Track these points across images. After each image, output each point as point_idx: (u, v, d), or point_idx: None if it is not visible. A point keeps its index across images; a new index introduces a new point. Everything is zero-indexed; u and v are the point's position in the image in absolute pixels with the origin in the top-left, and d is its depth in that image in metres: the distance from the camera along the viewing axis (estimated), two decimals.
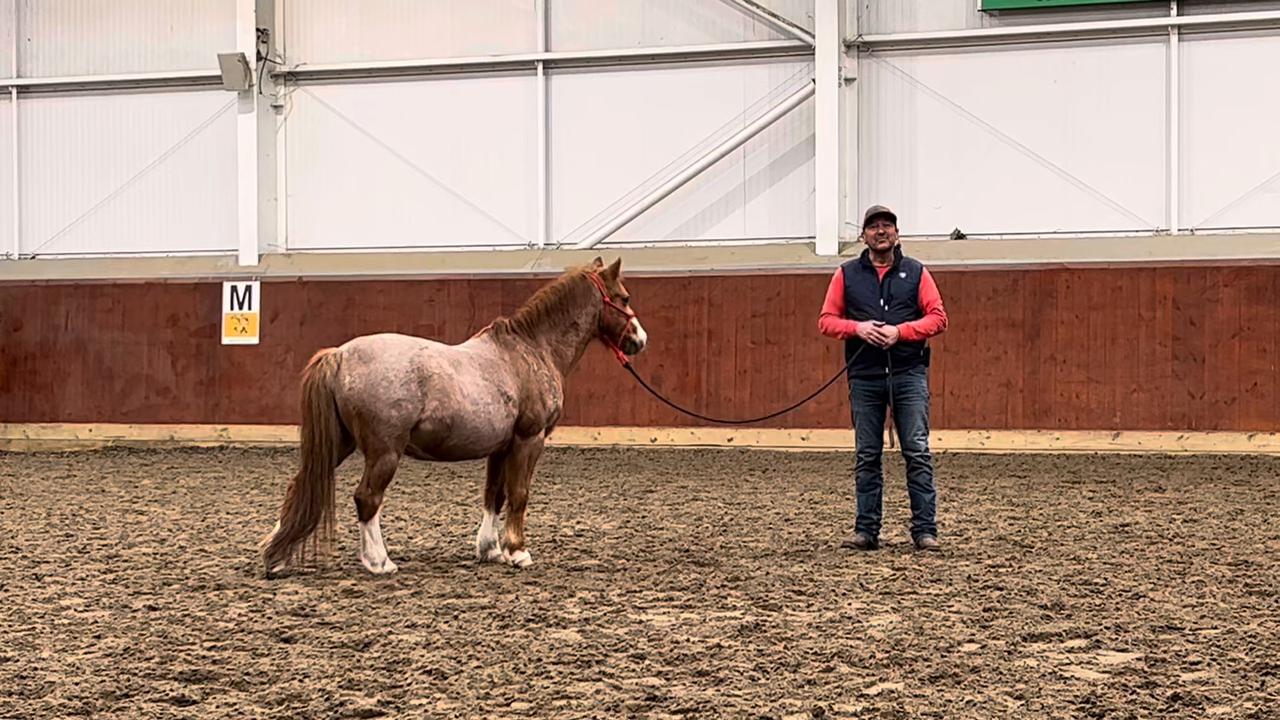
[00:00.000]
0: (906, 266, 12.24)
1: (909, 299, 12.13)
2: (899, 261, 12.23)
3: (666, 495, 16.63)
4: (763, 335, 23.76)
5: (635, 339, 11.82)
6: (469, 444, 11.05)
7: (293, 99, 26.61)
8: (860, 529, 12.25)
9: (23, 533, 13.44)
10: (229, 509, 15.45)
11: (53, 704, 6.76)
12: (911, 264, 12.30)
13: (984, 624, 8.71)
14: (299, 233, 26.63)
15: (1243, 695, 6.87)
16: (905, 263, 12.27)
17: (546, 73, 25.55)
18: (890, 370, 12.06)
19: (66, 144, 27.65)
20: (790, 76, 24.43)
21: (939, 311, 12.16)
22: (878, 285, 12.15)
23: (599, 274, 11.66)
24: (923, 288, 12.16)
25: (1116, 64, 23.33)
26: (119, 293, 26.73)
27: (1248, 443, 22.02)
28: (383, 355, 10.77)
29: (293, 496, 10.68)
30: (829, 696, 6.92)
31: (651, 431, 24.15)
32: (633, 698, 6.87)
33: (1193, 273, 22.51)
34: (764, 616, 8.99)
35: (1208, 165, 22.87)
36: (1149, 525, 13.56)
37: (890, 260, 12.20)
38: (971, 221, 23.74)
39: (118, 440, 26.29)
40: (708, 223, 24.89)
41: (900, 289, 12.13)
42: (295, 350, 25.08)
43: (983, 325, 23.10)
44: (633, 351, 11.89)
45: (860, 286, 12.19)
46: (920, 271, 12.25)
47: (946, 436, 22.63)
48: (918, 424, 12.07)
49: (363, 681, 7.23)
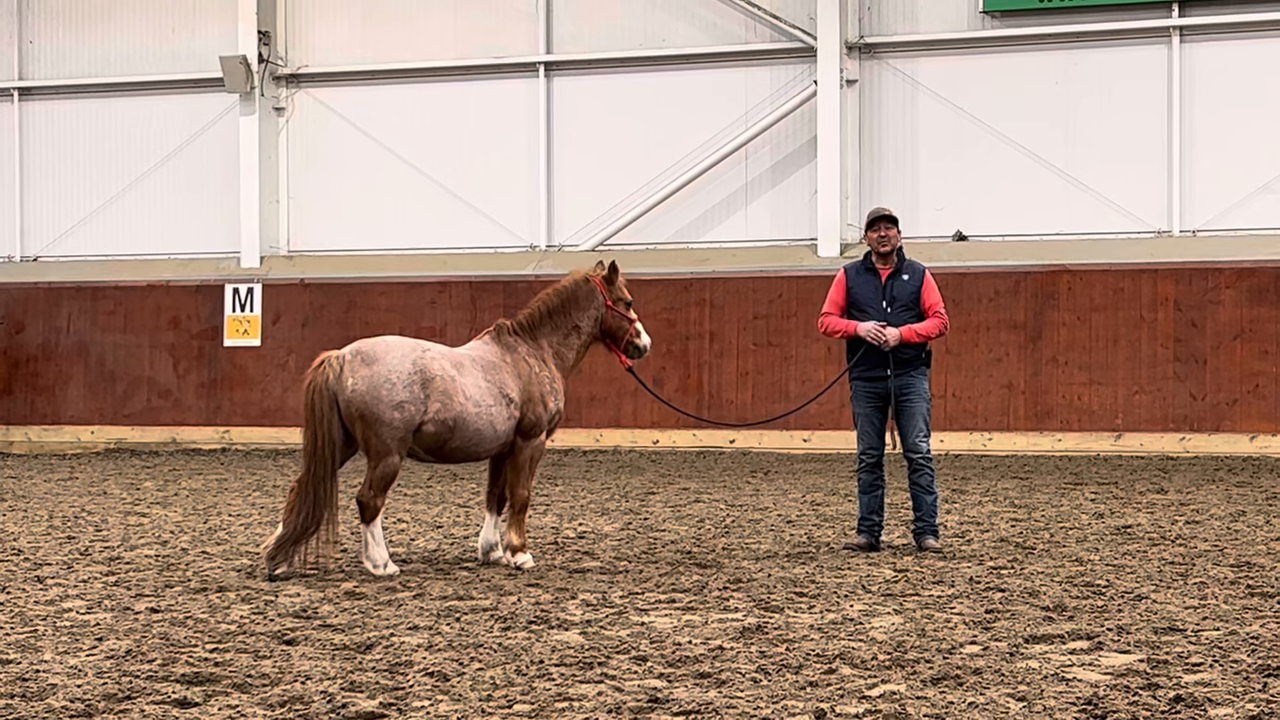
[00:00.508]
0: (909, 269, 12.25)
1: (911, 301, 12.13)
2: (902, 264, 12.24)
3: (668, 497, 16.63)
4: (764, 337, 23.75)
5: (639, 343, 11.82)
6: (471, 446, 11.06)
7: (294, 101, 26.62)
8: (862, 531, 12.25)
9: (25, 535, 13.44)
10: (231, 511, 15.45)
11: (55, 706, 6.76)
12: (914, 266, 12.30)
13: (986, 625, 8.71)
14: (301, 235, 26.64)
15: (1245, 697, 6.87)
16: (908, 265, 12.28)
17: (548, 75, 25.56)
18: (892, 372, 12.07)
19: (68, 146, 27.66)
20: (792, 78, 24.43)
21: (941, 314, 12.17)
22: (880, 287, 12.16)
23: (602, 277, 11.67)
24: (925, 290, 12.17)
25: (1118, 65, 23.33)
26: (121, 295, 26.74)
27: (1249, 444, 22.01)
28: (385, 357, 10.78)
29: (295, 499, 10.69)
30: (831, 698, 6.91)
31: (653, 433, 24.15)
32: (635, 700, 6.87)
33: (1194, 274, 22.51)
34: (766, 618, 8.99)
35: (1209, 167, 22.87)
36: (1151, 527, 13.55)
37: (893, 262, 12.21)
38: (973, 223, 23.74)
39: (120, 442, 26.29)
40: (709, 224, 24.89)
41: (902, 291, 12.14)
42: (297, 352, 25.09)
43: (984, 327, 23.09)
44: (636, 356, 11.89)
45: (862, 288, 12.20)
46: (923, 274, 12.25)
47: (948, 438, 22.63)
48: (919, 426, 12.08)
49: (365, 683, 7.23)
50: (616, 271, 11.74)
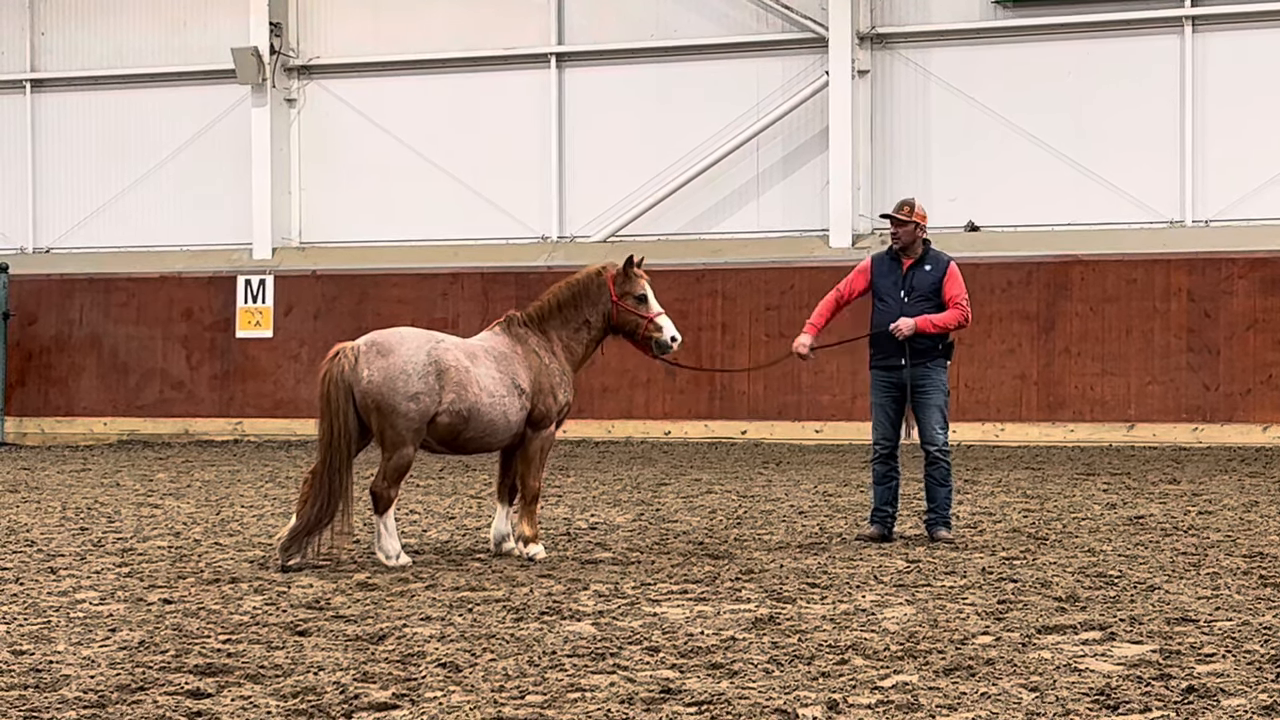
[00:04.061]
0: (933, 260, 12.22)
1: (930, 292, 12.10)
2: (926, 254, 12.22)
3: (680, 488, 16.63)
4: (776, 328, 23.71)
5: (660, 339, 11.54)
6: (485, 437, 11.06)
7: (306, 93, 26.64)
8: (875, 521, 12.24)
9: (38, 526, 13.47)
10: (243, 502, 15.48)
11: (68, 697, 6.77)
12: (939, 258, 12.27)
13: (998, 616, 8.70)
14: (313, 226, 26.65)
15: (1258, 687, 6.86)
16: (932, 256, 12.25)
17: (559, 66, 25.55)
18: (908, 362, 12.05)
19: (80, 138, 27.70)
20: (804, 69, 24.40)
21: (960, 306, 12.10)
22: (900, 277, 12.16)
23: (614, 272, 11.62)
24: (947, 281, 12.14)
25: (1131, 55, 23.28)
26: (133, 287, 26.78)
27: (1262, 434, 21.98)
28: (400, 349, 10.79)
29: (310, 490, 10.69)
30: (843, 689, 6.91)
31: (665, 424, 24.16)
32: (647, 690, 6.87)
33: (1207, 264, 22.47)
34: (778, 609, 8.98)
35: (1222, 157, 22.82)
36: (1164, 517, 13.53)
37: (917, 253, 12.20)
38: (985, 214, 23.71)
39: (132, 434, 26.34)
40: (721, 215, 24.87)
41: (922, 282, 12.12)
42: (309, 344, 25.12)
43: (997, 318, 23.06)
44: (663, 351, 11.64)
45: (884, 278, 12.22)
46: (946, 265, 12.21)
47: (961, 429, 22.63)
48: (936, 418, 12.05)
49: (377, 674, 7.24)
50: (630, 265, 11.59)
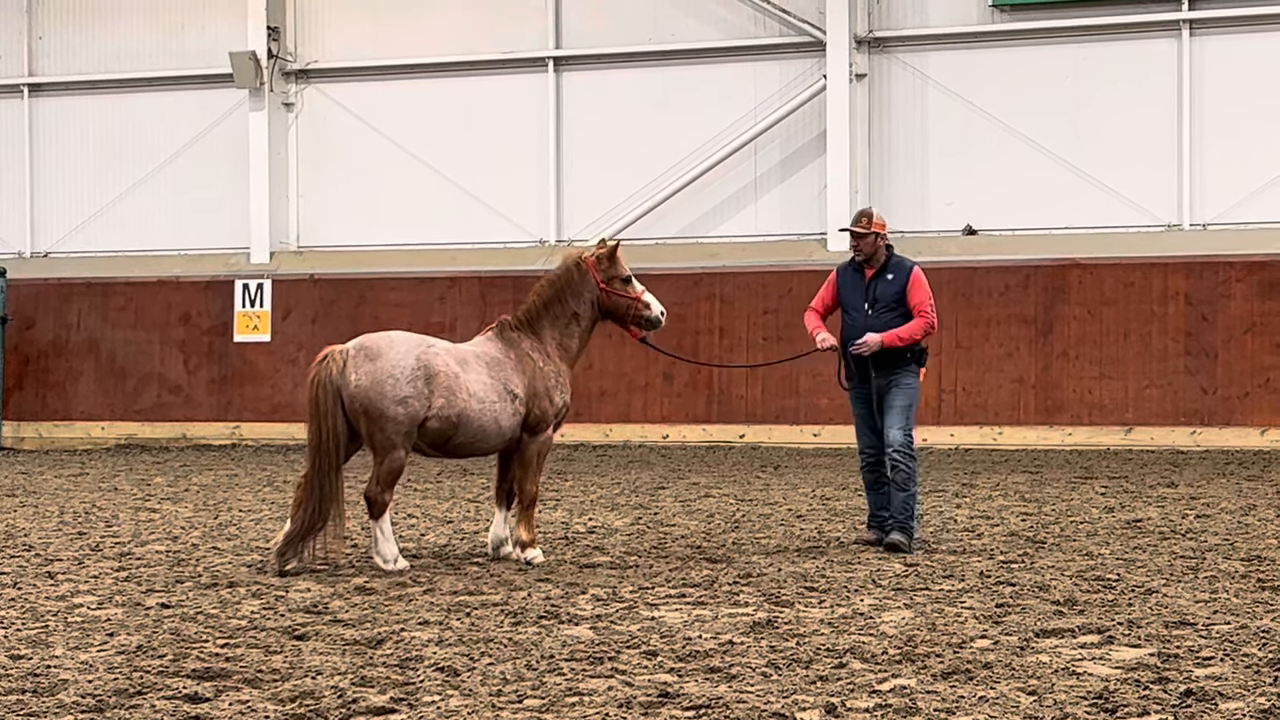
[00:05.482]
0: (895, 268, 12.10)
1: (894, 301, 12.02)
2: (888, 263, 12.14)
3: (678, 492, 16.63)
4: (774, 332, 23.72)
5: (649, 315, 11.61)
6: (475, 442, 11.05)
7: (304, 97, 26.63)
8: (872, 526, 12.25)
9: (35, 531, 13.47)
10: (241, 506, 15.47)
11: (66, 701, 6.77)
12: (901, 265, 12.14)
13: (996, 620, 8.70)
14: (310, 230, 26.65)
15: (1256, 691, 6.86)
16: (895, 264, 12.12)
17: (557, 70, 25.55)
18: (875, 374, 12.05)
19: (78, 142, 27.69)
20: (801, 73, 24.41)
21: (925, 314, 11.95)
22: (863, 287, 12.11)
23: (594, 258, 11.56)
24: (911, 288, 12.02)
25: (1128, 59, 23.28)
26: (131, 291, 26.77)
27: (1260, 438, 21.98)
28: (389, 352, 10.76)
29: (302, 494, 10.68)
30: (841, 693, 6.91)
31: (663, 428, 24.16)
32: (645, 694, 6.87)
33: (1205, 268, 22.47)
34: (776, 613, 8.99)
35: (1220, 160, 22.82)
36: (1161, 521, 13.54)
37: (878, 262, 12.14)
38: (983, 217, 23.70)
39: (130, 438, 26.33)
40: (719, 219, 24.87)
41: (885, 291, 12.04)
42: (307, 348, 25.09)
43: (995, 321, 23.07)
44: (649, 328, 11.68)
45: (848, 288, 12.20)
46: (909, 272, 12.06)
47: (959, 432, 22.65)
48: (895, 419, 11.92)
49: (375, 679, 7.24)
50: (609, 248, 11.51)
